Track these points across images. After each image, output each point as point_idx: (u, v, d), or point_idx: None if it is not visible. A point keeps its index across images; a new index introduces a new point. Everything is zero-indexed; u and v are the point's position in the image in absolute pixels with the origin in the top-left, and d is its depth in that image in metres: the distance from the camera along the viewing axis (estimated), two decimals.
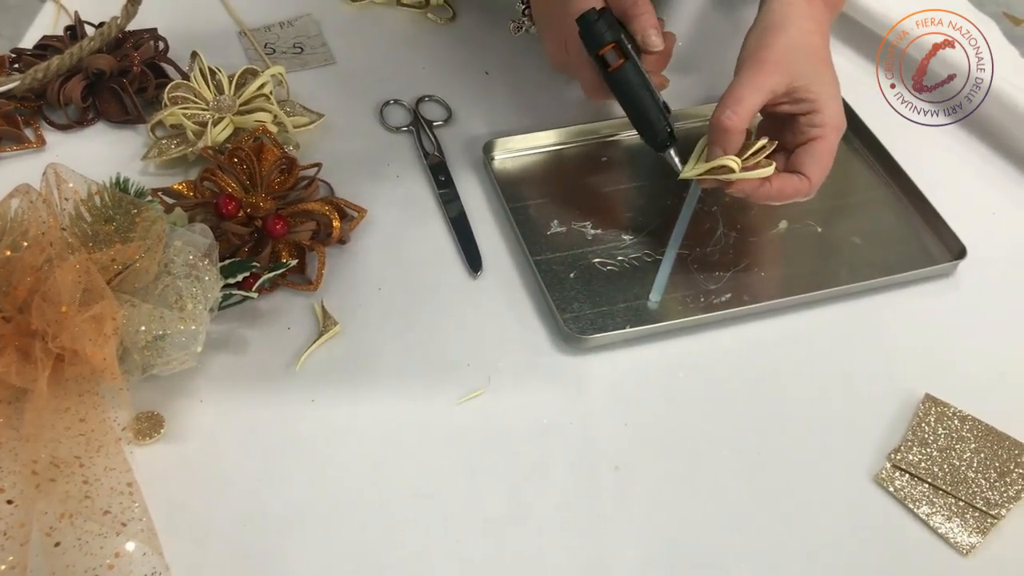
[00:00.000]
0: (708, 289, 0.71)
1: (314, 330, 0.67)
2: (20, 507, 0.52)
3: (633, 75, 0.68)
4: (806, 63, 0.69)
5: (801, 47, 0.69)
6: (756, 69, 0.67)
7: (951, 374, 0.67)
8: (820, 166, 0.68)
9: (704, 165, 0.68)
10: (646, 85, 0.69)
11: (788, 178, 0.68)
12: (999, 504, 0.60)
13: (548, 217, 0.76)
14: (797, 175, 0.68)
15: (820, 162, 0.68)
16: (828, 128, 0.68)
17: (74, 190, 0.63)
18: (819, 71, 0.69)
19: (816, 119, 0.68)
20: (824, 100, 0.68)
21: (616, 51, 0.68)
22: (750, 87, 0.67)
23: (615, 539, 0.58)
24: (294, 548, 0.56)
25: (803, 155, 0.68)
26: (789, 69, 0.68)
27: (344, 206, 0.74)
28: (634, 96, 0.68)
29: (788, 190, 0.68)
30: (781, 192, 0.68)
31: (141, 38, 0.85)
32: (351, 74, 0.88)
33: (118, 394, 0.59)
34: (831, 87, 0.69)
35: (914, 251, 0.76)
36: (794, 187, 0.68)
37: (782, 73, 0.67)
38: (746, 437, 0.63)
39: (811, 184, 0.68)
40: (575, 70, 0.76)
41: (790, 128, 0.70)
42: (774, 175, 0.68)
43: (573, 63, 0.75)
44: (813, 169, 0.68)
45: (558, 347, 0.67)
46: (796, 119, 0.69)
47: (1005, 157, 0.84)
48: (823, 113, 0.68)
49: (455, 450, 0.61)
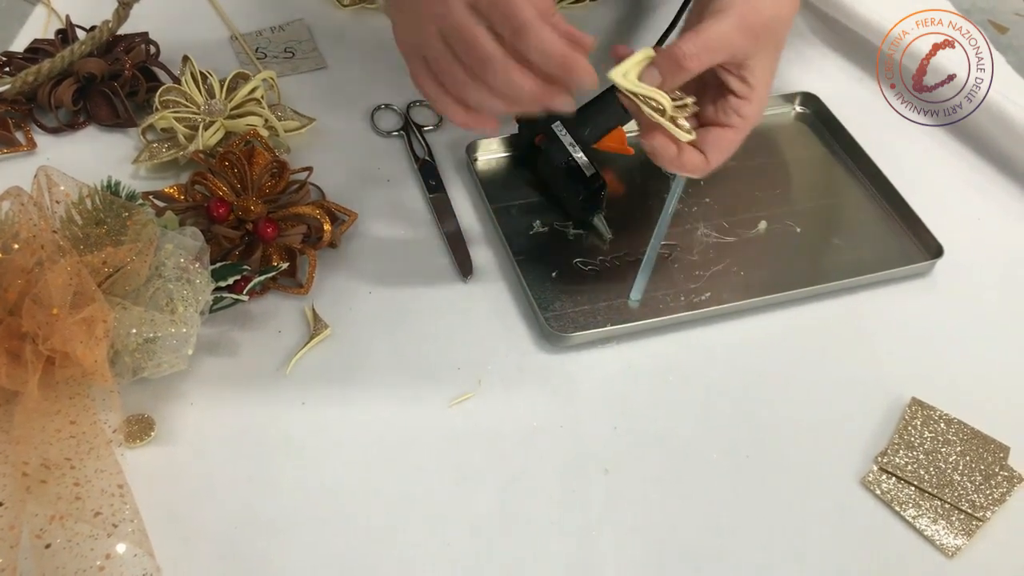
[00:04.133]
0: (688, 288, 0.72)
1: (305, 333, 0.67)
2: (10, 509, 0.52)
3: (556, 156, 0.67)
4: (771, 43, 0.63)
5: (775, 24, 0.63)
6: (736, 24, 0.61)
7: (935, 376, 0.68)
8: (724, 155, 0.64)
9: (638, 85, 0.60)
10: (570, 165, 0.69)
11: (694, 152, 0.63)
12: (984, 507, 0.61)
13: (530, 217, 0.76)
14: (699, 153, 0.63)
15: (726, 151, 0.64)
16: (748, 121, 0.64)
17: (65, 193, 0.63)
18: (773, 58, 0.64)
19: (744, 108, 0.63)
20: (760, 92, 0.63)
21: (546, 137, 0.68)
22: (723, 40, 0.60)
23: (604, 541, 0.58)
24: (285, 549, 0.56)
25: (713, 139, 0.63)
26: (757, 40, 0.62)
27: (335, 210, 0.74)
28: (555, 177, 0.68)
29: (688, 164, 0.63)
30: (684, 163, 0.63)
31: (132, 42, 0.85)
32: (342, 79, 0.88)
33: (109, 396, 0.59)
34: (769, 79, 0.64)
35: (892, 251, 0.76)
36: (695, 163, 0.63)
37: (752, 42, 0.61)
38: (734, 440, 0.64)
39: (708, 167, 0.64)
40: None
41: (712, 100, 0.64)
42: (684, 146, 0.63)
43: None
44: (716, 156, 0.63)
45: (543, 347, 0.68)
46: (725, 97, 0.63)
47: (992, 163, 0.85)
48: (753, 104, 0.63)
49: (445, 453, 0.62)
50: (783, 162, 0.84)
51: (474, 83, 0.59)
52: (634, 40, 0.95)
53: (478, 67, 0.58)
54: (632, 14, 0.98)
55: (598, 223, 0.75)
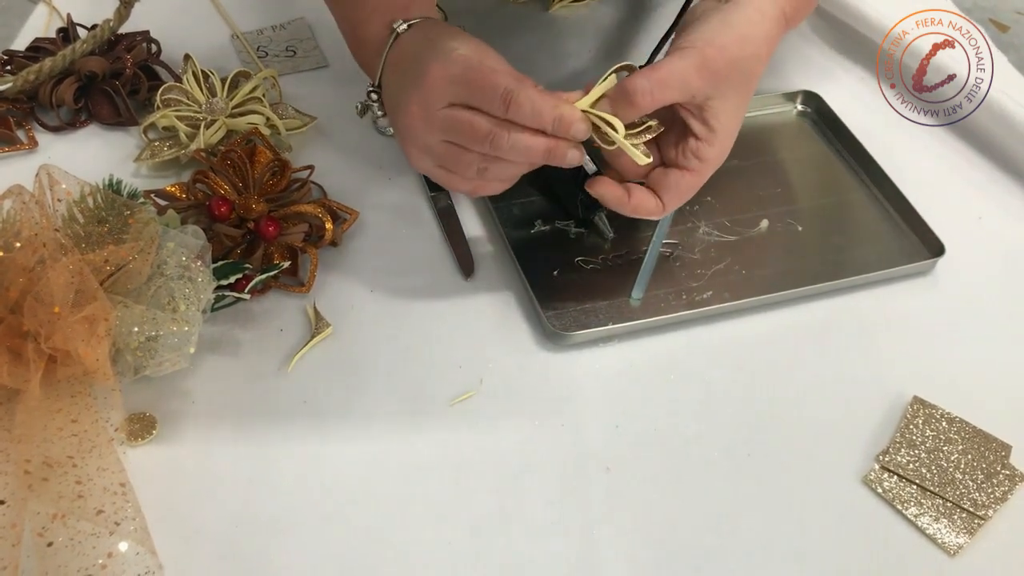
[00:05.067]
0: (690, 287, 0.72)
1: (306, 332, 0.67)
2: (12, 507, 0.52)
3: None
4: (737, 85, 0.62)
5: (744, 64, 0.62)
6: (697, 64, 0.60)
7: (936, 374, 0.68)
8: (680, 198, 0.64)
9: (591, 109, 0.60)
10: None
11: (647, 196, 0.64)
12: (986, 505, 0.61)
13: (532, 216, 0.76)
14: (655, 197, 0.64)
15: (682, 196, 0.64)
16: (708, 165, 0.63)
17: (67, 191, 0.63)
18: (742, 98, 0.63)
19: (703, 151, 0.63)
20: (722, 135, 0.63)
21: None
22: (678, 78, 0.60)
23: (605, 540, 0.58)
24: (285, 548, 0.56)
25: (670, 182, 0.64)
26: (720, 82, 0.61)
27: (336, 208, 0.74)
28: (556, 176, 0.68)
29: (641, 208, 0.64)
30: (637, 207, 0.64)
31: (134, 40, 0.85)
32: (344, 77, 0.88)
33: (110, 395, 0.59)
34: (736, 122, 0.64)
35: (893, 249, 0.76)
36: (648, 209, 0.64)
37: (713, 84, 0.61)
38: (735, 438, 0.64)
39: (664, 211, 0.64)
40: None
41: (675, 141, 0.64)
42: (635, 189, 0.64)
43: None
44: (672, 199, 0.64)
45: (544, 346, 0.68)
46: (686, 139, 0.63)
47: (993, 161, 0.85)
48: (713, 148, 0.63)
49: (446, 451, 0.61)
50: (784, 161, 0.84)
51: (491, 162, 0.62)
52: (634, 40, 0.95)
53: (487, 145, 0.60)
54: (632, 14, 0.98)
55: (599, 222, 0.75)
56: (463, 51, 0.61)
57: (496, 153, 0.61)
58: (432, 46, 0.62)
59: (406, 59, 0.65)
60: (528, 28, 0.83)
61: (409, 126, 0.63)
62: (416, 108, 0.62)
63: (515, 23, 0.83)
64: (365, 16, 0.69)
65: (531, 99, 0.58)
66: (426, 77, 0.61)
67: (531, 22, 0.95)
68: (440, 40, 0.63)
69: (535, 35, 0.88)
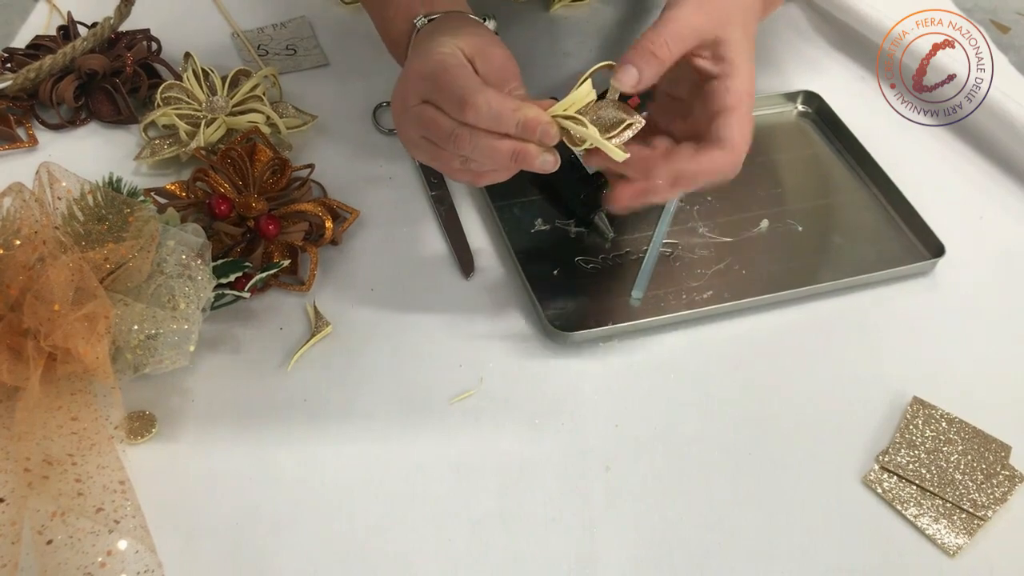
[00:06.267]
0: (690, 287, 0.72)
1: (306, 330, 0.67)
2: (11, 505, 0.52)
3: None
4: (738, 23, 0.62)
5: (737, 6, 0.62)
6: (694, 6, 0.60)
7: (936, 374, 0.68)
8: (743, 134, 0.61)
9: (562, 115, 0.58)
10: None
11: (708, 153, 0.60)
12: (986, 506, 0.61)
13: (532, 215, 0.76)
14: (718, 149, 0.61)
15: (743, 129, 0.61)
16: (744, 94, 0.62)
17: (67, 189, 0.63)
18: (746, 30, 0.63)
19: (733, 85, 0.61)
20: (742, 68, 0.62)
21: None
22: (686, 23, 0.60)
23: (605, 538, 0.58)
24: (285, 546, 0.56)
25: (721, 124, 0.61)
26: (720, 18, 0.61)
27: (337, 207, 0.74)
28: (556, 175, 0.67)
29: (711, 167, 0.60)
30: (699, 172, 0.61)
31: (134, 38, 0.85)
32: (344, 76, 0.88)
33: (110, 393, 0.59)
34: (749, 51, 0.63)
35: (894, 249, 0.76)
36: (717, 163, 0.61)
37: (715, 20, 0.61)
38: (735, 438, 0.64)
39: (736, 155, 0.61)
40: None
41: (695, 103, 0.64)
42: (689, 155, 0.61)
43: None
44: (737, 137, 0.61)
45: (544, 345, 0.68)
46: (709, 84, 0.62)
47: (994, 161, 0.85)
48: (739, 78, 0.61)
49: (446, 450, 0.61)
50: (785, 161, 0.84)
51: (466, 160, 0.61)
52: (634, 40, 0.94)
53: (452, 145, 0.59)
54: (632, 14, 0.98)
55: (599, 221, 0.75)
56: (448, 48, 0.61)
57: (461, 153, 0.60)
58: (428, 40, 0.63)
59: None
60: (528, 28, 0.83)
61: (395, 119, 0.65)
62: (397, 103, 0.63)
63: (515, 23, 0.83)
64: (392, 14, 0.70)
65: (489, 102, 0.57)
66: (406, 72, 0.62)
67: (531, 22, 0.96)
68: (438, 35, 0.63)
69: (535, 35, 0.88)
